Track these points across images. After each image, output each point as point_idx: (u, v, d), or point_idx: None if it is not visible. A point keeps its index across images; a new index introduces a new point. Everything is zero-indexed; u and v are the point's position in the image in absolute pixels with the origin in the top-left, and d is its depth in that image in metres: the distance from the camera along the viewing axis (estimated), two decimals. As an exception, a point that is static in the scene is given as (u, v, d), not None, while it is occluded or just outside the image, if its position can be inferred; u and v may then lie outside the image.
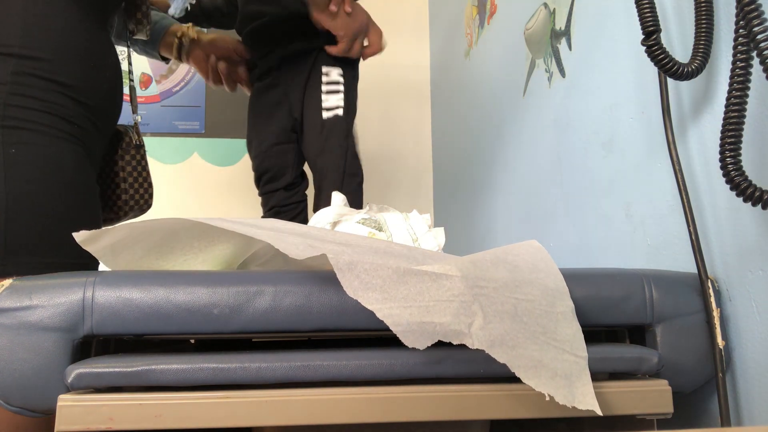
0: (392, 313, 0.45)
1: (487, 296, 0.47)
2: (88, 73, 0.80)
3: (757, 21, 0.46)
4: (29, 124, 0.73)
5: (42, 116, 0.74)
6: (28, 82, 0.74)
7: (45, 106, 0.74)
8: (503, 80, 1.22)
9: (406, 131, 1.87)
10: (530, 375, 0.45)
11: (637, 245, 0.73)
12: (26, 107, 0.73)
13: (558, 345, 0.48)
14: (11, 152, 0.70)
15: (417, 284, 0.47)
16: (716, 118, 0.59)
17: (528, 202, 1.08)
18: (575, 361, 0.48)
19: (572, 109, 0.91)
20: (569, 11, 0.92)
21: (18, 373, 0.49)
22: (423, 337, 0.45)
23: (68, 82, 0.76)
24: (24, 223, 0.70)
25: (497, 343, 0.45)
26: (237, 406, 0.47)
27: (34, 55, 0.74)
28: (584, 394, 0.46)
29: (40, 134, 0.73)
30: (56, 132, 0.75)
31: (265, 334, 0.55)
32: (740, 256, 0.57)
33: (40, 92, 0.74)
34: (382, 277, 0.47)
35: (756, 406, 0.55)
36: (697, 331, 0.56)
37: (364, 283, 0.46)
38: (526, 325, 0.47)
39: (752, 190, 0.49)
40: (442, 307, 0.46)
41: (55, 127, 0.75)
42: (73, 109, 0.77)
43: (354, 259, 0.47)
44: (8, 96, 0.72)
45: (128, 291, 0.50)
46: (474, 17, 1.44)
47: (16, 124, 0.72)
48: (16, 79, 0.73)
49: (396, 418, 0.48)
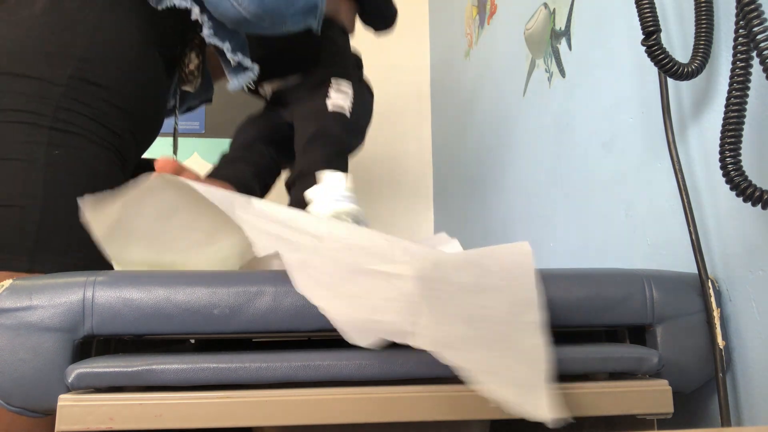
0: (338, 311, 0.44)
1: (440, 299, 0.46)
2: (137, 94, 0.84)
3: (757, 21, 0.46)
4: (75, 128, 0.75)
5: (88, 123, 0.77)
6: (82, 87, 0.76)
7: (92, 113, 0.77)
8: (503, 80, 1.22)
9: (406, 131, 1.87)
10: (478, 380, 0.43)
11: (637, 245, 0.73)
12: (76, 112, 0.75)
13: (515, 355, 0.45)
14: (54, 153, 0.73)
15: (367, 283, 0.46)
16: (716, 118, 0.59)
17: (528, 202, 1.08)
18: (533, 372, 0.44)
19: (572, 109, 0.91)
20: (569, 11, 0.92)
21: (18, 373, 0.49)
22: (365, 335, 0.44)
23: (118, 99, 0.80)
24: (56, 223, 0.71)
25: (442, 345, 0.44)
26: (237, 406, 0.47)
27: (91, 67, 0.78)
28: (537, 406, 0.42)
29: (83, 139, 0.76)
30: (97, 139, 0.77)
31: (265, 334, 0.55)
32: (740, 256, 0.57)
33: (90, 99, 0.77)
34: (332, 274, 0.46)
35: (756, 406, 0.55)
36: (697, 331, 0.56)
37: (313, 279, 0.46)
38: (479, 331, 0.45)
39: (752, 190, 0.49)
40: (388, 306, 0.45)
41: (97, 134, 0.77)
42: (116, 118, 0.80)
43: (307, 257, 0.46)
44: (61, 98, 0.74)
45: (128, 291, 0.50)
46: (474, 17, 1.44)
47: (64, 127, 0.74)
48: (72, 83, 0.76)
49: (396, 418, 0.48)
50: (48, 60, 0.76)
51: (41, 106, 0.73)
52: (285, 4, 0.86)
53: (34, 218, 0.70)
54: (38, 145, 0.72)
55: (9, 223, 0.69)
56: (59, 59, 0.76)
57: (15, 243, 0.69)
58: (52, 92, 0.74)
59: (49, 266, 0.68)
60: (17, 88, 0.74)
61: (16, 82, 0.74)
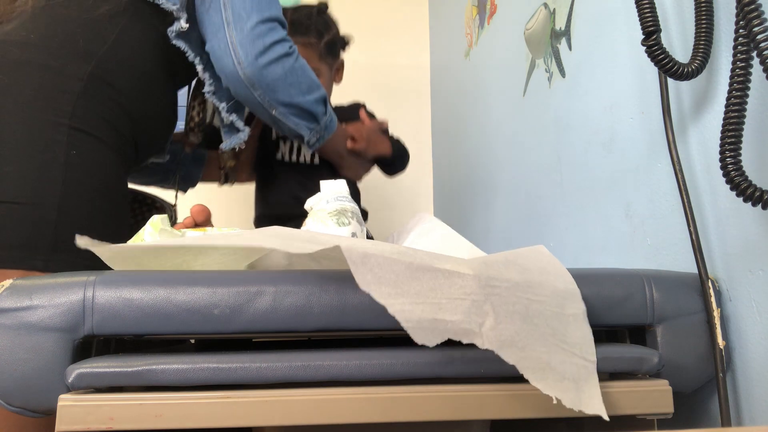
0: (404, 308, 0.44)
1: (499, 296, 0.47)
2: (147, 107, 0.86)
3: (757, 21, 0.46)
4: (90, 128, 0.77)
5: (102, 123, 0.78)
6: (100, 87, 0.78)
7: (106, 114, 0.79)
8: (503, 80, 1.22)
9: (406, 131, 1.87)
10: (538, 377, 0.45)
11: (637, 245, 0.73)
12: (92, 111, 0.77)
13: (567, 348, 0.47)
14: (72, 153, 0.74)
15: (430, 281, 0.46)
16: (716, 118, 0.59)
17: (528, 202, 1.08)
18: (584, 365, 0.47)
19: (572, 109, 0.91)
20: (569, 11, 0.92)
21: (18, 373, 0.49)
22: (433, 335, 0.44)
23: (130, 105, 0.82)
24: (73, 223, 0.72)
25: (507, 344, 0.45)
26: (237, 406, 0.47)
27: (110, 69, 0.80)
28: (591, 397, 0.46)
29: (97, 140, 0.77)
30: (109, 141, 0.79)
31: (265, 334, 0.55)
32: (740, 256, 0.57)
33: (105, 99, 0.79)
34: (395, 271, 0.46)
35: (756, 406, 0.55)
36: (697, 331, 0.56)
37: (377, 276, 0.45)
38: (537, 327, 0.47)
39: (752, 190, 0.49)
40: (454, 305, 0.46)
41: (109, 135, 0.79)
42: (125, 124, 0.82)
43: (368, 251, 0.46)
44: (80, 95, 0.76)
45: (128, 291, 0.50)
46: (474, 17, 1.44)
47: (81, 126, 0.76)
48: (92, 81, 0.77)
49: (396, 418, 0.48)
50: (72, 54, 0.77)
51: (61, 101, 0.74)
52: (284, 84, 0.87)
53: (51, 218, 0.71)
54: (58, 144, 0.73)
55: (27, 221, 0.70)
56: (82, 55, 0.77)
57: (32, 241, 0.70)
58: (72, 87, 0.75)
59: (64, 266, 0.69)
60: (38, 79, 0.75)
61: (38, 72, 0.75)
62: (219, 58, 0.84)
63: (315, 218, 0.74)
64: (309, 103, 0.91)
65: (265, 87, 0.85)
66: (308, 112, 0.92)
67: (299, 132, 0.94)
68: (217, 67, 0.86)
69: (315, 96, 0.92)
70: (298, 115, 0.91)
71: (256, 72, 0.83)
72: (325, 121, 0.96)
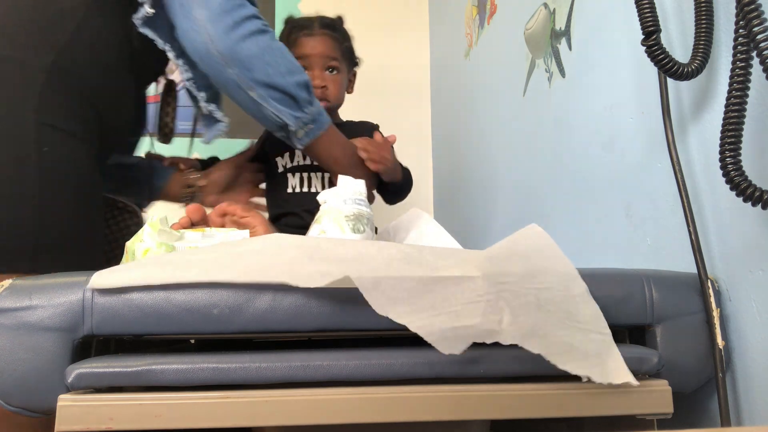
0: (423, 324, 0.46)
1: (510, 291, 0.48)
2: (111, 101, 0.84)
3: (757, 21, 0.46)
4: (58, 122, 0.74)
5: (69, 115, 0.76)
6: (63, 77, 0.75)
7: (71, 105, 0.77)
8: (503, 80, 1.22)
9: (406, 131, 1.86)
10: (565, 360, 0.46)
11: (637, 245, 0.73)
12: (57, 104, 0.75)
13: (583, 326, 0.49)
14: (44, 150, 0.72)
15: (441, 291, 0.48)
16: (716, 118, 0.59)
17: (528, 202, 1.08)
18: (602, 339, 0.49)
19: (572, 109, 0.91)
20: (569, 11, 0.92)
21: (18, 373, 0.49)
22: (458, 342, 0.46)
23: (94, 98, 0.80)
24: (53, 223, 0.71)
25: (528, 335, 0.47)
26: (237, 406, 0.47)
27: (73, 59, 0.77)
28: (617, 369, 0.48)
29: (66, 134, 0.75)
30: (78, 133, 0.77)
31: (265, 334, 0.55)
32: (740, 256, 0.57)
33: (70, 90, 0.76)
34: (407, 289, 0.47)
35: (756, 406, 0.55)
36: (697, 331, 0.56)
37: (390, 299, 0.47)
38: (551, 313, 0.48)
39: (752, 190, 0.49)
40: (469, 309, 0.47)
41: (76, 128, 0.77)
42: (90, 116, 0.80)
43: (377, 275, 0.47)
44: (45, 87, 0.74)
45: (128, 291, 0.50)
46: (474, 17, 1.44)
47: (48, 121, 0.73)
48: (55, 71, 0.75)
49: (396, 418, 0.48)
50: (33, 44, 0.74)
51: (26, 94, 0.72)
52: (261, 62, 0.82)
53: (30, 218, 0.70)
54: (28, 142, 0.71)
55: (6, 223, 0.69)
56: (44, 45, 0.75)
57: (15, 245, 0.69)
58: (36, 79, 0.73)
59: (50, 267, 0.68)
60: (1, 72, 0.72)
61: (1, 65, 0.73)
62: (191, 38, 0.81)
63: (330, 218, 0.73)
64: (290, 86, 0.85)
65: (239, 64, 0.81)
66: (290, 96, 0.86)
67: (283, 120, 0.87)
68: (189, 48, 0.82)
69: (296, 78, 0.86)
70: (280, 100, 0.85)
71: (229, 47, 0.80)
72: (311, 111, 0.89)
